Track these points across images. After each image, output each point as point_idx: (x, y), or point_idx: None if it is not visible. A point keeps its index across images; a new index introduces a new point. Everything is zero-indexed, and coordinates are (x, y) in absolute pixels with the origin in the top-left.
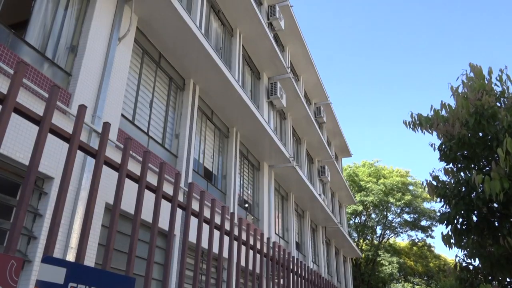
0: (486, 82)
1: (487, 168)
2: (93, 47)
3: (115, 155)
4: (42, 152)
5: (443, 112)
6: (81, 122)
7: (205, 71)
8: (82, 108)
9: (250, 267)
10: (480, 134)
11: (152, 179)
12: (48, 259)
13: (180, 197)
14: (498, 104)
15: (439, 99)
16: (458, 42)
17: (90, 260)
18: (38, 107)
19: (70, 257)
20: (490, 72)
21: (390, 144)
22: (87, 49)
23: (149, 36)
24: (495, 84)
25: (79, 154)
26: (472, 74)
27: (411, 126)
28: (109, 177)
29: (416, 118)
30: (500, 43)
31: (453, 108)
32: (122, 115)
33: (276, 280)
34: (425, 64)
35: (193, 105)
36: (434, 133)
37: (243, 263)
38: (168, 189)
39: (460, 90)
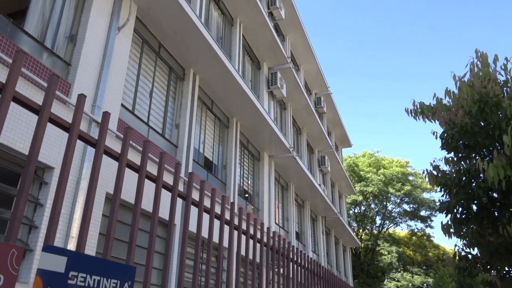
0: (491, 70)
1: (488, 158)
2: (93, 37)
3: (115, 145)
4: (42, 142)
5: (446, 100)
6: (80, 111)
7: (205, 61)
8: (81, 97)
9: (250, 256)
10: (482, 123)
11: (152, 169)
12: (49, 248)
13: (180, 187)
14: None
15: (441, 90)
16: (461, 32)
17: (91, 249)
18: (37, 97)
19: (71, 246)
20: (495, 60)
21: (391, 135)
22: (86, 39)
23: (149, 26)
24: (499, 73)
25: (79, 143)
26: (477, 62)
27: (413, 114)
28: (109, 166)
29: (418, 106)
30: (504, 34)
31: (457, 95)
32: (122, 105)
33: (276, 269)
34: (426, 54)
35: (193, 95)
36: (436, 122)
37: (243, 252)
38: (168, 178)
39: (466, 78)
